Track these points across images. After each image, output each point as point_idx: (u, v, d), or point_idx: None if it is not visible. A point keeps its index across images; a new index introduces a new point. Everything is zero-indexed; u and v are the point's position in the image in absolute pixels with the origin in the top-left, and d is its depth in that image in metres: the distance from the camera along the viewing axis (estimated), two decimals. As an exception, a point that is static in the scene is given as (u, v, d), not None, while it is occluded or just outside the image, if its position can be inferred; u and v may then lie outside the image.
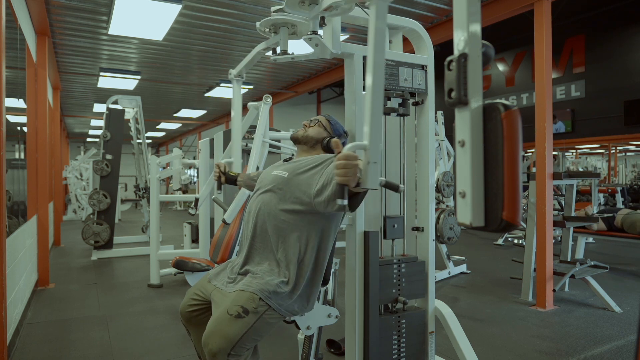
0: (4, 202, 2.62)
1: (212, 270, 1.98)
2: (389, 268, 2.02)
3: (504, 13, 4.48)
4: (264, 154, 3.53)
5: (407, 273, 2.07)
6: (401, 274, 2.05)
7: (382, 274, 1.97)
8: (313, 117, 2.02)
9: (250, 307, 1.63)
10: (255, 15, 5.02)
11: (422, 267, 2.12)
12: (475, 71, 0.88)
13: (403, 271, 2.06)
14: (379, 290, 1.94)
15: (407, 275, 2.07)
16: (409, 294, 2.07)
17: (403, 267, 2.06)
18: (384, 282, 1.98)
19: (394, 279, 2.03)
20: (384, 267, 2.00)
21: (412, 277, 2.08)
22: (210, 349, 1.56)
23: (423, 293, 2.12)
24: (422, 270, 2.12)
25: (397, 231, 2.09)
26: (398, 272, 2.04)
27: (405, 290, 2.06)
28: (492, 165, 0.87)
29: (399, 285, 2.04)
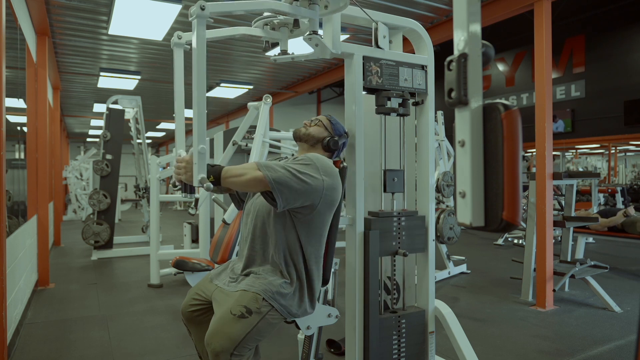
0: (4, 202, 2.62)
1: (213, 270, 1.98)
2: (389, 221, 2.02)
3: (504, 13, 4.48)
4: (264, 154, 3.53)
5: (407, 226, 2.08)
6: (401, 227, 2.06)
7: (382, 226, 1.99)
8: (314, 117, 2.02)
9: (254, 307, 1.63)
10: (255, 15, 5.01)
11: (422, 221, 2.13)
12: (475, 71, 0.88)
13: (403, 224, 2.06)
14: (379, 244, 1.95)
15: (406, 229, 2.08)
16: (409, 247, 2.08)
17: (403, 221, 2.07)
18: (383, 235, 1.99)
19: (393, 231, 2.04)
20: (384, 219, 2.01)
21: (412, 230, 2.09)
22: (214, 349, 1.56)
23: (423, 247, 2.13)
24: (422, 224, 2.13)
25: (397, 185, 2.09)
26: (398, 225, 2.05)
27: (405, 244, 2.07)
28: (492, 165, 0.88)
29: (399, 239, 2.05)
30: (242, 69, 7.69)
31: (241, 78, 8.27)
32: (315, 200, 1.72)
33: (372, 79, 1.98)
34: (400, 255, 2.03)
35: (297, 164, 1.72)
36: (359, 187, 1.96)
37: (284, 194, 1.63)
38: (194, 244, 5.47)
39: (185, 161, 1.66)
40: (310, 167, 1.71)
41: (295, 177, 1.65)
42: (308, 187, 1.67)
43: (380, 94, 2.04)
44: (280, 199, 1.62)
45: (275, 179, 1.61)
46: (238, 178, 1.62)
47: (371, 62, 1.98)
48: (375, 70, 1.99)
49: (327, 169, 1.75)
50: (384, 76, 2.01)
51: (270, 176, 1.61)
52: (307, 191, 1.68)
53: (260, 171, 1.62)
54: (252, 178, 1.62)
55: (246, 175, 1.62)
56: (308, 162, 1.74)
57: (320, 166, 1.73)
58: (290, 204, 1.66)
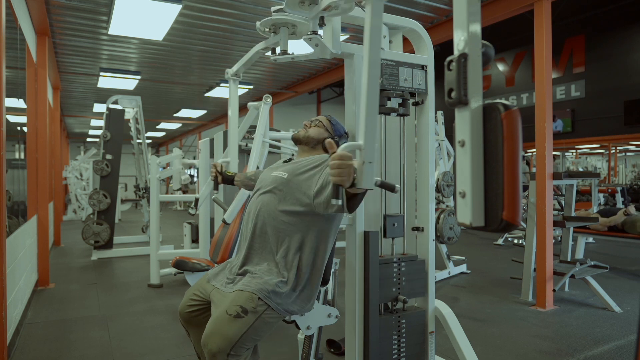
0: (4, 202, 2.62)
1: (211, 270, 1.98)
2: (389, 267, 2.02)
3: (504, 13, 4.48)
4: (264, 154, 3.53)
5: (407, 272, 2.07)
6: (401, 273, 2.05)
7: (382, 272, 1.97)
8: (314, 118, 2.02)
9: (249, 306, 1.63)
10: (255, 15, 5.02)
11: (422, 266, 2.12)
12: (475, 71, 0.88)
13: (403, 270, 2.06)
14: (379, 289, 1.94)
15: (407, 274, 2.06)
16: (409, 293, 2.06)
17: (403, 266, 2.06)
18: (384, 281, 1.98)
19: (394, 277, 2.03)
20: (384, 265, 2.00)
21: (412, 275, 2.08)
22: (210, 349, 1.56)
23: (423, 292, 2.12)
24: (422, 268, 2.12)
25: (397, 230, 2.09)
26: (398, 270, 2.04)
27: (405, 289, 2.06)
28: (492, 165, 0.88)
29: (399, 284, 2.04)
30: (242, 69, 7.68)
31: (242, 78, 8.26)
32: None
33: (372, 79, 1.98)
34: (401, 301, 2.02)
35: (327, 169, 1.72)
36: (359, 187, 1.96)
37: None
38: (194, 244, 5.47)
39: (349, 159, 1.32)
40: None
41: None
42: None
43: (380, 94, 2.04)
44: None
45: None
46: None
47: (371, 62, 1.97)
48: (375, 70, 1.98)
49: None
50: (384, 76, 2.01)
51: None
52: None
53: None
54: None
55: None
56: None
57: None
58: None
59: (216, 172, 2.24)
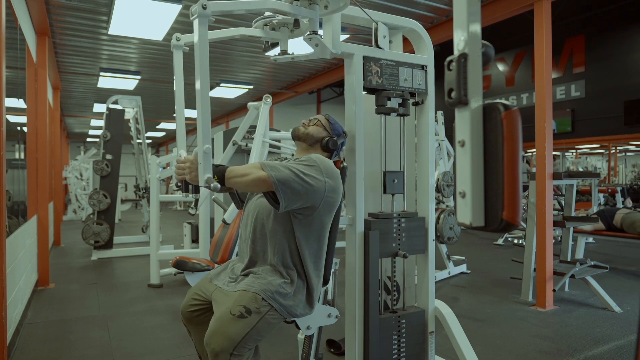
0: (4, 202, 2.62)
1: (213, 270, 1.98)
2: (389, 222, 2.02)
3: (504, 13, 4.48)
4: (264, 154, 3.53)
5: (407, 228, 2.08)
6: (401, 229, 2.06)
7: (381, 228, 1.98)
8: (313, 117, 2.02)
9: (253, 307, 1.63)
10: (255, 15, 5.01)
11: (422, 223, 2.13)
12: (475, 71, 0.89)
13: (403, 226, 2.06)
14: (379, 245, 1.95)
15: (406, 230, 2.07)
16: (409, 249, 2.07)
17: (403, 222, 2.06)
18: (383, 237, 1.99)
19: (394, 233, 2.03)
20: (384, 220, 2.00)
21: (412, 232, 2.09)
22: (213, 349, 1.56)
23: (423, 249, 2.13)
24: (422, 225, 2.13)
25: (397, 186, 2.09)
26: (398, 226, 2.05)
27: (405, 245, 2.07)
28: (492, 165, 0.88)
29: (399, 240, 2.05)
30: (242, 69, 7.69)
31: (241, 78, 8.27)
32: (317, 201, 1.72)
33: (372, 79, 1.98)
34: (400, 256, 2.03)
35: (301, 164, 1.72)
36: (358, 187, 1.96)
37: (287, 195, 1.63)
38: (194, 244, 5.47)
39: (190, 161, 1.65)
40: (313, 169, 1.71)
41: (299, 178, 1.65)
42: (310, 188, 1.67)
43: (380, 94, 2.04)
44: (282, 199, 1.62)
45: (279, 179, 1.61)
46: (242, 178, 1.62)
47: (371, 62, 1.98)
48: (375, 70, 1.99)
49: (329, 170, 1.75)
50: (384, 76, 2.01)
51: (274, 176, 1.61)
52: (309, 192, 1.68)
53: (265, 171, 1.62)
54: (257, 178, 1.61)
55: (250, 175, 1.62)
56: (311, 163, 1.74)
57: (323, 168, 1.73)
58: (291, 204, 1.66)
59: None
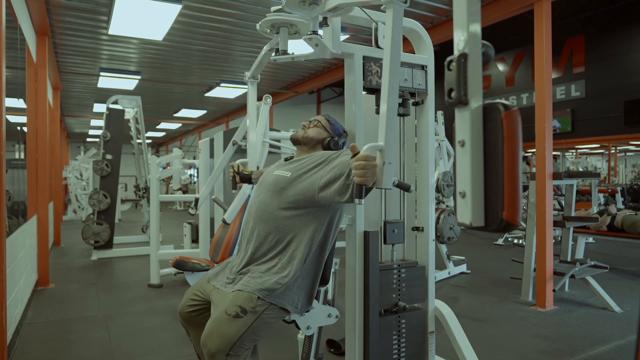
0: (4, 202, 2.62)
1: (211, 270, 1.98)
2: (389, 273, 2.01)
3: (504, 13, 4.48)
4: (264, 154, 3.53)
5: (407, 278, 2.06)
6: (401, 279, 2.04)
7: (382, 279, 1.96)
8: (312, 118, 2.01)
9: (249, 306, 1.63)
10: (255, 15, 5.02)
11: (422, 272, 2.11)
12: (475, 71, 0.89)
13: (403, 276, 2.05)
14: (379, 295, 1.93)
15: (407, 280, 2.06)
16: (409, 299, 2.06)
17: (403, 272, 2.05)
18: (384, 288, 1.98)
19: (394, 284, 2.02)
20: (384, 272, 1.99)
21: (412, 281, 2.07)
22: (209, 350, 1.56)
23: (423, 298, 2.11)
24: (422, 275, 2.11)
25: (397, 236, 2.08)
26: (398, 277, 2.04)
27: (405, 295, 2.05)
28: (492, 165, 0.88)
29: (399, 290, 2.04)
30: (242, 69, 7.69)
31: (241, 78, 8.27)
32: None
33: (372, 79, 1.98)
34: (400, 309, 2.01)
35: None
36: (359, 187, 1.96)
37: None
38: (194, 244, 5.47)
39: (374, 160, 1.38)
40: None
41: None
42: None
43: (380, 94, 2.03)
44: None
45: None
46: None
47: (371, 62, 1.98)
48: (375, 70, 1.98)
49: None
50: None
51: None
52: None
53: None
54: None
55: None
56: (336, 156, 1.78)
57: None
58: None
59: (234, 172, 2.22)
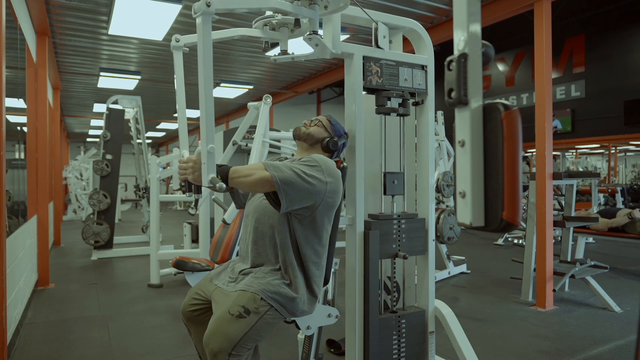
0: (4, 202, 2.62)
1: (213, 270, 1.98)
2: (389, 223, 2.02)
3: (504, 13, 4.48)
4: (264, 154, 3.53)
5: (407, 229, 2.07)
6: (401, 230, 2.06)
7: (382, 229, 1.98)
8: (314, 117, 2.02)
9: (252, 307, 1.63)
10: (255, 15, 5.01)
11: (422, 224, 2.13)
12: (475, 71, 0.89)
13: (403, 227, 2.06)
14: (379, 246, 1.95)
15: (407, 232, 2.07)
16: (409, 250, 2.07)
17: (403, 223, 2.06)
18: (383, 238, 1.99)
19: (394, 234, 2.03)
20: (384, 222, 2.00)
21: (412, 233, 2.09)
22: (212, 349, 1.56)
23: (423, 250, 2.13)
24: (422, 226, 2.13)
25: (397, 187, 2.09)
26: (398, 227, 2.05)
27: (405, 246, 2.07)
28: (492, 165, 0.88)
29: (399, 241, 2.05)
30: (242, 69, 7.69)
31: (241, 78, 8.27)
32: (317, 202, 1.72)
33: (372, 79, 1.98)
34: (401, 258, 2.03)
35: (303, 165, 1.72)
36: (359, 187, 1.96)
37: (289, 195, 1.62)
38: (194, 244, 5.47)
39: (192, 161, 1.61)
40: (315, 169, 1.71)
41: (301, 179, 1.65)
42: (312, 188, 1.67)
43: (380, 94, 2.04)
44: (284, 200, 1.62)
45: (282, 180, 1.61)
46: (246, 178, 1.61)
47: (371, 62, 1.98)
48: (375, 70, 1.99)
49: (331, 171, 1.75)
50: (384, 76, 2.01)
51: (277, 176, 1.61)
52: (311, 193, 1.68)
53: (268, 171, 1.61)
54: (260, 178, 1.61)
55: (254, 176, 1.61)
56: (314, 163, 1.73)
57: (325, 168, 1.74)
58: (293, 205, 1.66)
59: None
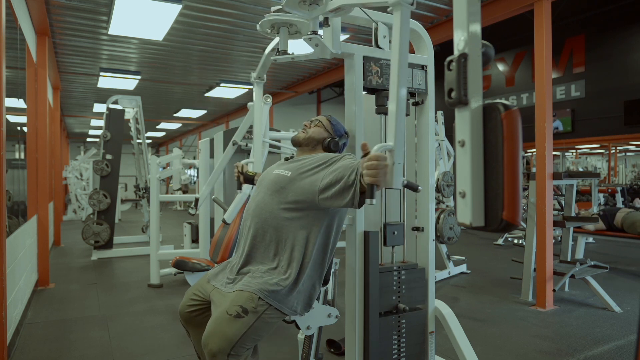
0: (4, 202, 2.62)
1: (211, 270, 1.98)
2: (389, 275, 2.01)
3: (504, 13, 4.48)
4: (264, 154, 3.53)
5: (407, 280, 2.06)
6: (401, 281, 2.04)
7: (382, 281, 1.96)
8: (314, 118, 2.01)
9: (250, 306, 1.63)
10: (255, 15, 5.02)
11: (422, 274, 2.11)
12: (475, 71, 0.89)
13: (403, 278, 2.05)
14: (379, 297, 1.93)
15: (407, 282, 2.05)
16: (409, 301, 2.06)
17: (403, 274, 2.05)
18: (383, 290, 1.98)
19: (394, 286, 2.02)
20: (384, 274, 1.99)
21: (412, 283, 2.07)
22: (210, 349, 1.56)
23: (423, 300, 2.11)
24: (422, 277, 2.11)
25: (397, 238, 2.08)
26: (398, 279, 2.04)
27: (405, 297, 2.05)
28: (492, 165, 0.88)
29: (399, 293, 2.04)
30: (242, 69, 7.69)
31: (241, 78, 8.27)
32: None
33: (372, 79, 1.98)
34: (401, 310, 2.01)
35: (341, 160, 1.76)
36: (359, 187, 1.96)
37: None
38: (194, 244, 5.47)
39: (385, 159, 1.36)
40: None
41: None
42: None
43: (380, 94, 2.04)
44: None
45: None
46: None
47: (371, 62, 1.98)
48: (375, 70, 1.99)
49: None
50: (384, 76, 2.01)
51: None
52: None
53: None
54: None
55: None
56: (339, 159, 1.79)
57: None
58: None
59: (238, 173, 2.28)
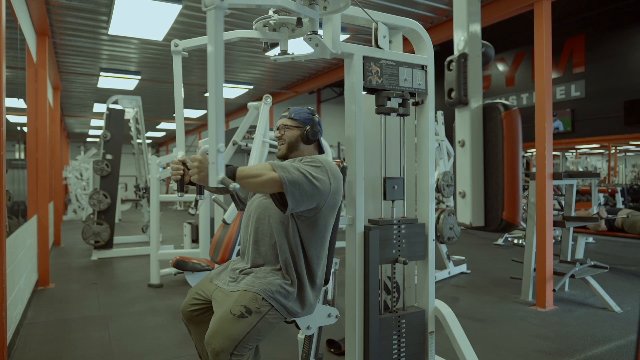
0: (4, 202, 2.62)
1: (213, 270, 1.98)
2: (389, 229, 2.02)
3: (504, 13, 4.48)
4: (264, 154, 3.53)
5: (407, 234, 2.08)
6: (401, 235, 2.06)
7: (382, 235, 1.98)
8: (279, 124, 1.97)
9: (253, 307, 1.63)
10: (255, 15, 5.01)
11: (422, 229, 2.13)
12: (475, 71, 0.89)
13: (403, 232, 2.06)
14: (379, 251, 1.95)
15: (407, 237, 2.07)
16: (409, 255, 2.07)
17: (403, 228, 2.06)
18: (384, 243, 1.99)
19: (394, 239, 2.04)
20: (384, 227, 2.00)
21: (412, 238, 2.09)
22: (213, 349, 1.57)
23: (423, 255, 2.13)
24: (422, 232, 2.13)
25: (397, 192, 2.09)
26: (398, 233, 2.05)
27: (405, 252, 2.07)
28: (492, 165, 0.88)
29: (399, 246, 2.05)
30: (242, 69, 7.69)
31: (241, 78, 8.27)
32: (321, 203, 1.72)
33: (372, 79, 1.98)
34: (400, 263, 2.03)
35: (309, 165, 1.72)
36: (359, 187, 1.96)
37: (296, 197, 1.62)
38: (194, 244, 5.47)
39: (198, 160, 1.52)
40: (320, 170, 1.72)
41: (308, 180, 1.65)
42: (317, 190, 1.68)
43: (380, 94, 2.04)
44: (291, 201, 1.62)
45: (290, 181, 1.61)
46: (254, 179, 1.59)
47: (371, 62, 1.98)
48: (375, 70, 1.99)
49: (334, 172, 1.77)
50: (384, 76, 2.01)
51: (285, 178, 1.60)
52: (315, 194, 1.68)
53: (276, 172, 1.61)
54: (269, 179, 1.60)
55: (263, 177, 1.60)
56: (318, 164, 1.74)
57: (329, 169, 1.75)
58: (299, 207, 1.66)
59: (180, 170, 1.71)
